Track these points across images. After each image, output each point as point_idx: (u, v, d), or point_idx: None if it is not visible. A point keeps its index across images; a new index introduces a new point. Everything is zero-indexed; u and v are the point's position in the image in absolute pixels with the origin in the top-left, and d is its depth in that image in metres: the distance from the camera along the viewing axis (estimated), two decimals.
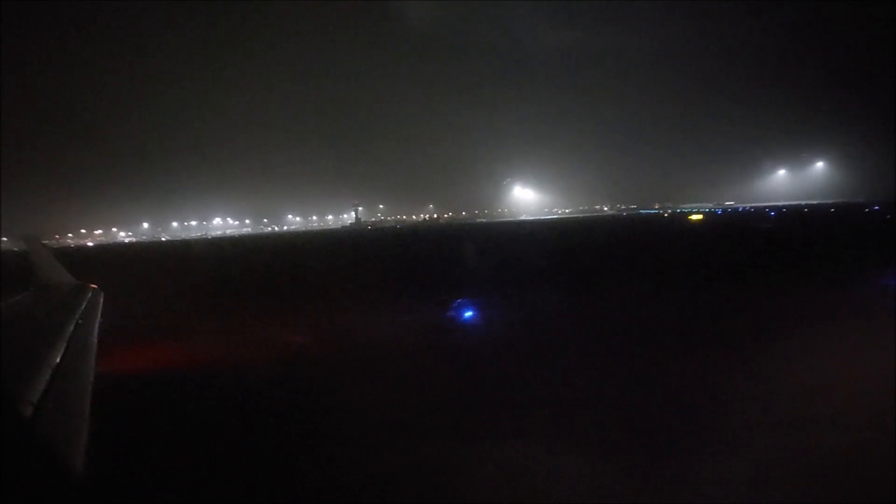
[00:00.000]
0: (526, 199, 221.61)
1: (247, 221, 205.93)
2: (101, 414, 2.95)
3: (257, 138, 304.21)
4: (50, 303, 5.91)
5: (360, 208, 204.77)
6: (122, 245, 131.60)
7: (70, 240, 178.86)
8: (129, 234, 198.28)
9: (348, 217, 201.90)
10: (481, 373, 9.68)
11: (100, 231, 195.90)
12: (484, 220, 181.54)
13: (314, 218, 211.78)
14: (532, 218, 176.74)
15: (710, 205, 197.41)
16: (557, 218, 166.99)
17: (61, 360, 3.40)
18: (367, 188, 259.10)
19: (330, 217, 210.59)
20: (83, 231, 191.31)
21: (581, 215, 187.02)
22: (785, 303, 14.50)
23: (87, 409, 2.90)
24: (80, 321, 4.84)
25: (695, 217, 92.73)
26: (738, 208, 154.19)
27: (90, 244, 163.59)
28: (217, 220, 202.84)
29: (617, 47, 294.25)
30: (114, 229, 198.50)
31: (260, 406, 8.37)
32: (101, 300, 6.31)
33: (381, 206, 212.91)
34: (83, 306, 5.58)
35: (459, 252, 39.26)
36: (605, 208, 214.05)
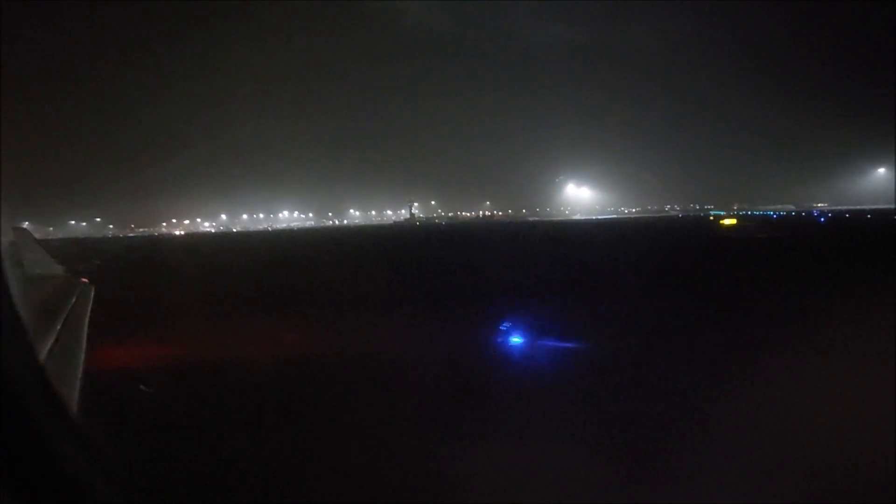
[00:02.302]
0: (583, 197, 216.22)
1: (310, 215, 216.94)
2: (90, 410, 2.98)
3: (322, 136, 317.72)
4: (38, 296, 5.69)
5: (416, 205, 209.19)
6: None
7: (164, 228, 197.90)
8: (214, 224, 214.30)
9: (405, 212, 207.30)
10: None
11: (187, 221, 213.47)
12: (535, 219, 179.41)
13: (373, 213, 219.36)
14: (584, 218, 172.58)
15: (792, 207, 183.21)
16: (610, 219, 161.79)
17: (49, 354, 3.30)
18: (426, 185, 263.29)
19: (389, 212, 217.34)
20: (174, 221, 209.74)
21: (635, 216, 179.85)
22: None
23: (75, 404, 2.86)
24: (69, 315, 4.76)
25: (727, 222, 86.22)
26: (807, 212, 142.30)
27: (178, 233, 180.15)
28: (283, 214, 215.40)
29: (691, 35, 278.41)
30: (198, 220, 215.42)
31: None
32: (92, 293, 6.28)
33: (432, 203, 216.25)
34: (73, 300, 5.53)
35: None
36: (677, 208, 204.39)
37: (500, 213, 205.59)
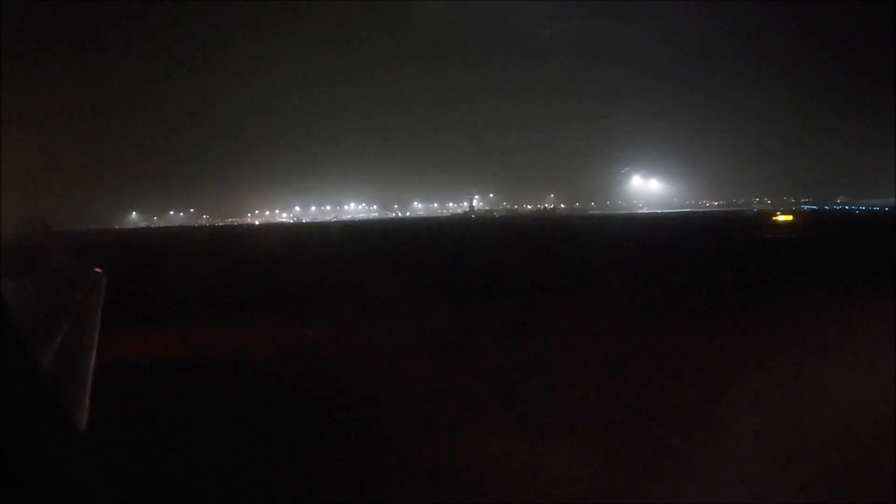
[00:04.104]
0: (652, 189, 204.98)
1: (374, 207, 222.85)
2: (102, 402, 3.01)
3: (390, 131, 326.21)
4: (52, 287, 5.79)
5: (476, 197, 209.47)
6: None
7: (250, 219, 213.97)
8: (292, 215, 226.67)
9: (467, 205, 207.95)
10: None
11: (268, 212, 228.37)
12: (597, 212, 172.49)
13: (435, 205, 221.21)
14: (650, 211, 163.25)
15: None
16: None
17: (61, 345, 3.37)
18: (492, 177, 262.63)
19: (451, 204, 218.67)
20: (257, 212, 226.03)
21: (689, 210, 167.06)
22: None
23: (87, 396, 2.87)
24: (82, 307, 4.83)
25: (782, 218, 77.78)
26: None
27: (257, 223, 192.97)
28: (349, 206, 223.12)
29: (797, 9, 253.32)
30: (276, 211, 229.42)
31: None
32: (105, 285, 6.29)
33: (490, 196, 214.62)
34: (86, 291, 5.51)
35: None
36: (768, 202, 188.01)
37: (564, 206, 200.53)
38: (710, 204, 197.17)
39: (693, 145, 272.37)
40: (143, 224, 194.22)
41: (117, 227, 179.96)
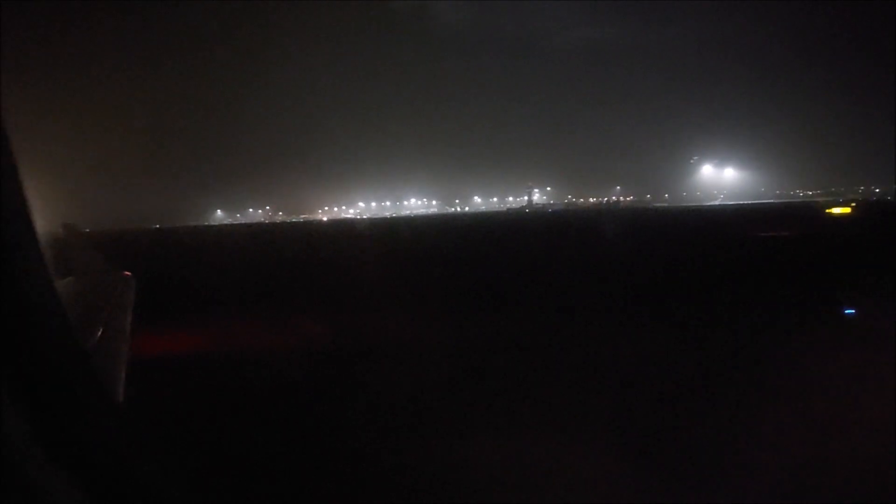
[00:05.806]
0: (727, 178, 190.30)
1: (433, 202, 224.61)
2: (133, 403, 3.20)
3: (452, 126, 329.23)
4: (84, 290, 6.09)
5: (536, 191, 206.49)
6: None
7: (320, 214, 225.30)
8: (359, 212, 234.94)
9: (526, 198, 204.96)
10: None
11: (336, 209, 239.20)
12: (663, 205, 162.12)
13: (495, 199, 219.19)
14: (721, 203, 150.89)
15: None
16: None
17: (94, 348, 3.50)
18: (551, 170, 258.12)
19: (510, 198, 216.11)
20: (326, 208, 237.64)
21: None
22: None
23: (120, 396, 2.99)
24: (113, 308, 5.01)
25: (836, 211, 67.83)
26: None
27: (325, 218, 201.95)
28: (409, 202, 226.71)
29: None
30: (343, 207, 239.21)
31: None
32: (134, 287, 6.45)
33: (548, 189, 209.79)
34: (117, 293, 5.76)
35: None
36: (876, 190, 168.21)
37: (631, 198, 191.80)
38: (804, 193, 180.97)
39: (783, 131, 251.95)
40: (226, 221, 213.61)
41: (206, 223, 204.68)
